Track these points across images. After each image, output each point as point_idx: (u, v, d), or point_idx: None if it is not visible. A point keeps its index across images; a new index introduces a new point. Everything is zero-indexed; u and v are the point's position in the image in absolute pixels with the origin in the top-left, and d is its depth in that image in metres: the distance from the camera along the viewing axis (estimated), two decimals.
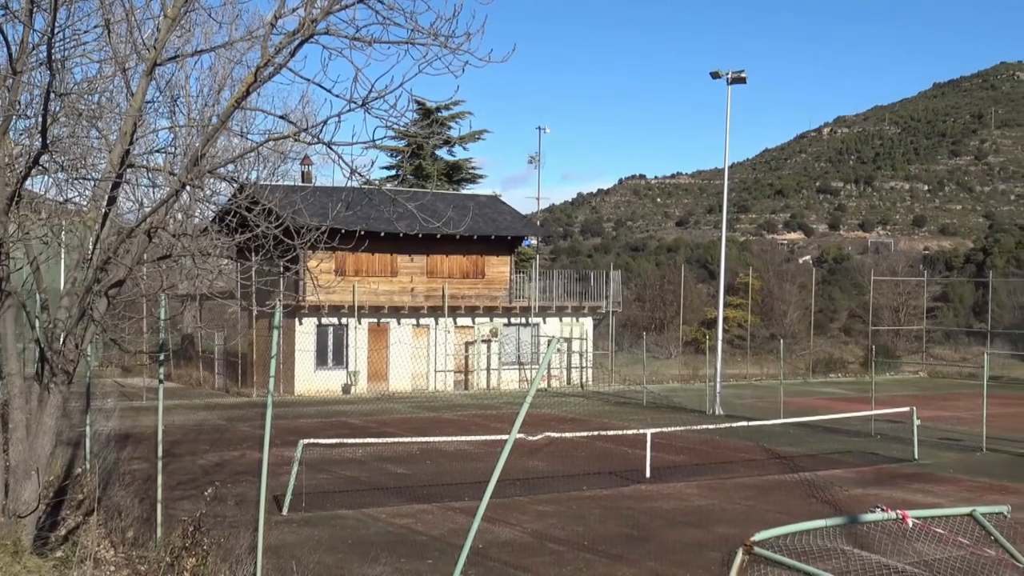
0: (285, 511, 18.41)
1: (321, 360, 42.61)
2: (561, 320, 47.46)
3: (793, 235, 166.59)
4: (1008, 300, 67.74)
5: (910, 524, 10.06)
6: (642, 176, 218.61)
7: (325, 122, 10.10)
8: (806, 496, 21.09)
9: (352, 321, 42.70)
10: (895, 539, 15.41)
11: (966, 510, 10.61)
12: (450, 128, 61.03)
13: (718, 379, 37.51)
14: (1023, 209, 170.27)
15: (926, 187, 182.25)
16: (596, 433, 26.55)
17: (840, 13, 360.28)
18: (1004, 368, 50.07)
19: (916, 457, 26.08)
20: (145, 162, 12.10)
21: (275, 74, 10.14)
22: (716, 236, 73.56)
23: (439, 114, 57.70)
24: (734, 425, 27.87)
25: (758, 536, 9.37)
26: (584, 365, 48.16)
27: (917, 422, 26.71)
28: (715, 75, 37.80)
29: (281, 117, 10.86)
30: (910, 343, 62.56)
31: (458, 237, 43.38)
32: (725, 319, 44.00)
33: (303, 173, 40.61)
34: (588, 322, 48.49)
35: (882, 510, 10.10)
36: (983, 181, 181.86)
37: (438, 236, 41.83)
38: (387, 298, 43.90)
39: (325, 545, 16.07)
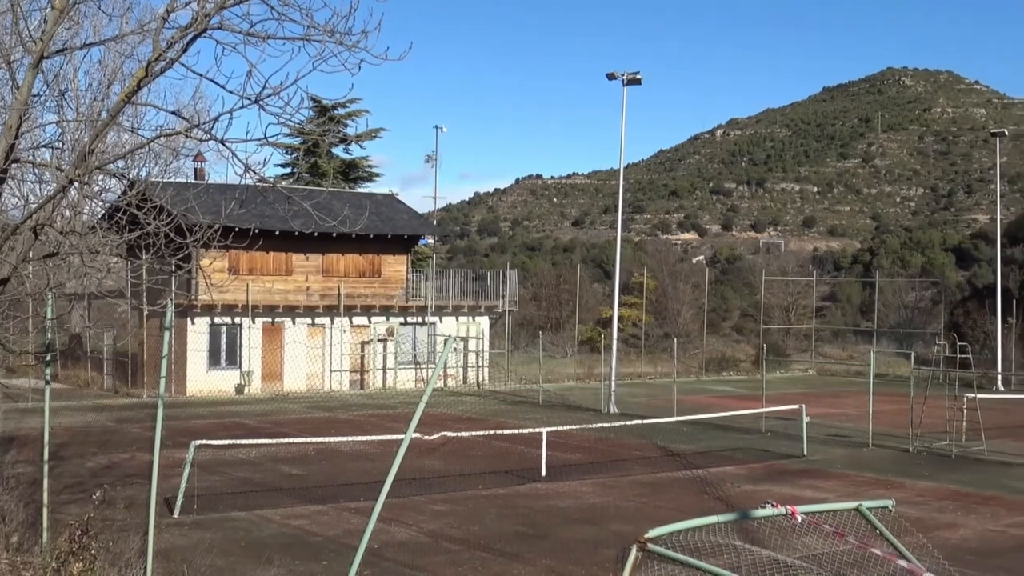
0: (176, 514, 18.11)
1: (214, 360, 41.99)
2: (458, 319, 47.44)
3: (687, 235, 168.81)
4: (893, 300, 69.49)
5: (799, 519, 10.25)
6: (539, 176, 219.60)
7: (217, 118, 9.95)
8: (699, 493, 21.39)
9: (246, 320, 42.16)
10: (785, 534, 15.71)
11: (853, 505, 10.86)
12: (346, 126, 60.60)
13: (613, 378, 37.84)
14: (908, 211, 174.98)
15: (815, 189, 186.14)
16: (492, 432, 26.60)
17: (732, 17, 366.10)
18: (889, 366, 51.36)
19: (805, 453, 26.61)
20: (31, 157, 11.78)
21: (167, 69, 9.96)
22: (611, 236, 74.19)
23: (335, 112, 57.24)
24: (628, 423, 28.16)
25: (652, 533, 9.47)
26: (480, 364, 48.21)
27: (806, 419, 27.26)
28: (611, 76, 38.13)
29: (173, 113, 10.66)
30: (800, 342, 63.81)
31: (354, 236, 43.05)
32: (620, 318, 44.41)
33: (196, 170, 39.98)
34: (484, 321, 48.54)
35: (772, 506, 10.28)
36: (870, 183, 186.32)
37: (334, 235, 41.48)
38: (282, 297, 43.44)
39: (217, 548, 15.84)
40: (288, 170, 61.01)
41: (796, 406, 28.04)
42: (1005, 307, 50.85)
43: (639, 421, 28.37)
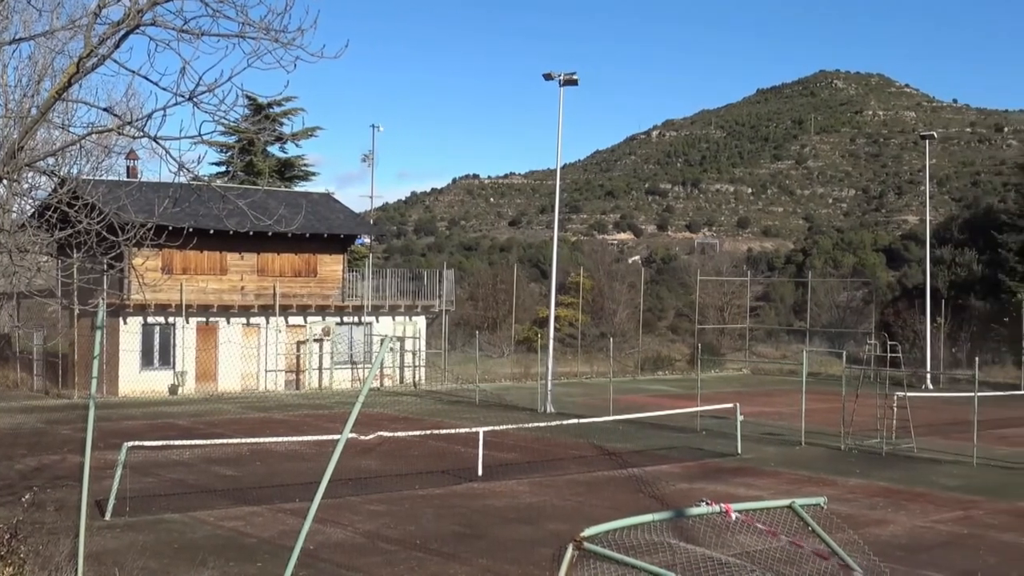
0: (108, 516, 17.87)
1: (147, 360, 41.49)
2: (394, 319, 47.30)
3: (623, 235, 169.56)
4: (825, 299, 70.35)
5: (733, 517, 10.35)
6: (476, 176, 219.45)
7: (151, 115, 9.84)
8: (634, 491, 21.51)
9: (180, 320, 41.70)
10: (719, 532, 15.85)
11: (786, 502, 10.99)
12: (282, 124, 60.14)
13: (549, 377, 37.92)
14: (840, 212, 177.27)
15: (750, 190, 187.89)
16: (429, 432, 26.57)
17: (668, 18, 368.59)
18: (822, 365, 51.99)
19: (740, 452, 26.87)
20: None
21: (99, 65, 9.83)
22: (548, 236, 74.43)
23: (271, 110, 56.82)
24: (565, 423, 28.25)
25: (587, 532, 9.52)
26: (417, 364, 48.09)
27: (740, 418, 27.53)
28: (548, 76, 38.20)
29: (105, 110, 10.53)
30: (734, 341, 64.39)
31: (290, 235, 42.78)
32: (557, 318, 44.53)
33: (128, 168, 39.47)
34: (421, 321, 48.44)
35: (707, 504, 10.37)
36: (803, 185, 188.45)
37: (269, 234, 41.12)
38: (216, 297, 43.02)
39: (150, 550, 15.65)
40: (223, 168, 60.44)
41: (730, 405, 28.29)
42: (934, 307, 51.69)
43: (575, 420, 28.47)
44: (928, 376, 49.03)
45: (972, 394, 27.69)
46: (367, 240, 58.41)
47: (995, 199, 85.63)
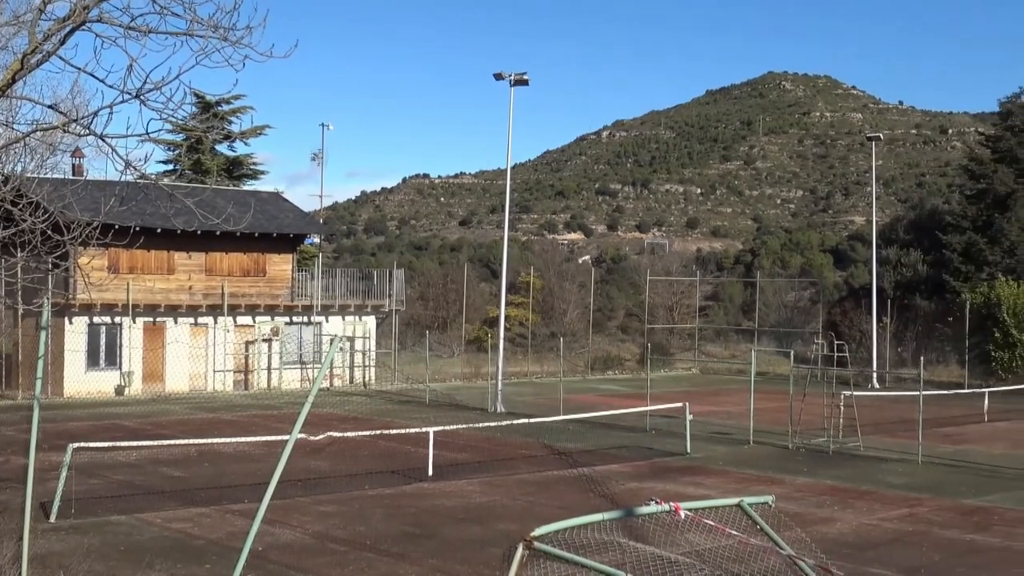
0: (53, 518, 17.66)
1: (93, 361, 41.04)
2: (344, 319, 47.12)
3: (573, 235, 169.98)
4: (774, 299, 70.91)
5: (682, 516, 10.40)
6: (426, 175, 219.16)
7: (97, 113, 9.72)
8: (584, 491, 21.57)
9: (126, 320, 41.28)
10: (668, 530, 15.93)
11: (734, 501, 11.07)
12: (230, 123, 59.72)
13: (500, 377, 37.94)
14: (788, 213, 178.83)
15: (699, 190, 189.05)
16: (379, 432, 26.49)
17: (618, 19, 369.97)
18: (770, 364, 52.41)
19: (689, 451, 27.03)
20: None
21: (44, 62, 9.70)
22: (498, 236, 74.44)
23: (219, 108, 56.41)
24: (515, 422, 28.29)
25: (537, 531, 9.53)
26: (367, 364, 47.93)
27: (690, 417, 27.68)
28: (498, 76, 38.21)
29: (50, 107, 10.40)
30: (683, 340, 64.73)
31: (239, 234, 42.50)
32: (507, 317, 44.56)
33: (74, 166, 39.00)
34: (371, 321, 48.29)
35: (656, 503, 10.43)
36: (751, 185, 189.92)
37: (218, 233, 40.80)
38: (164, 296, 42.64)
39: (96, 552, 15.48)
40: (171, 167, 59.97)
41: (680, 404, 28.44)
42: (880, 307, 52.28)
43: (526, 420, 28.50)
44: (874, 375, 49.60)
45: (917, 393, 28.03)
46: (316, 239, 58.13)
47: (940, 200, 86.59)
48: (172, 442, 25.33)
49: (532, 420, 28.53)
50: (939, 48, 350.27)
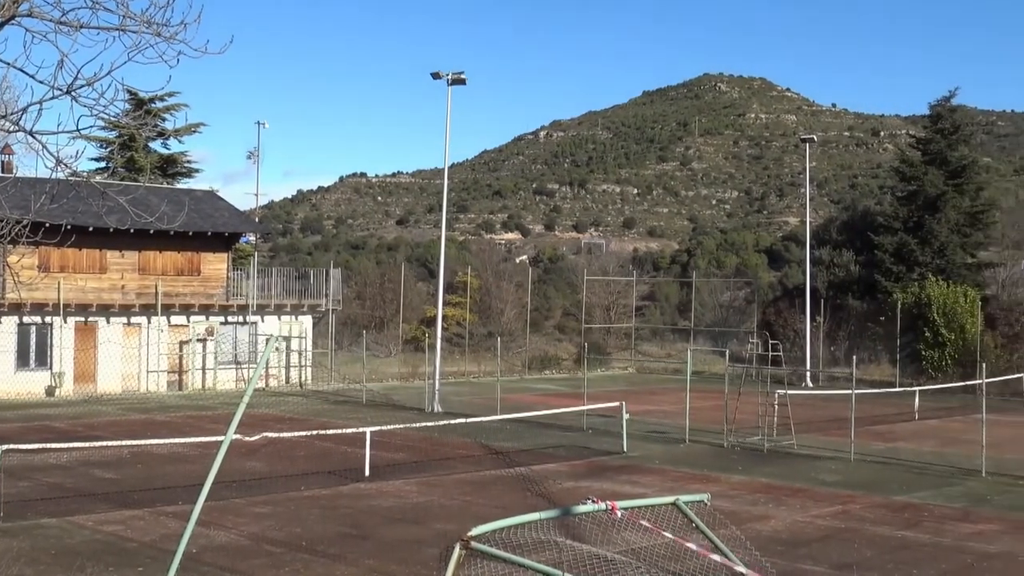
0: None
1: (22, 361, 40.36)
2: (280, 318, 46.78)
3: (510, 235, 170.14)
4: (709, 299, 71.48)
5: (619, 514, 10.46)
6: (363, 174, 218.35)
7: (26, 109, 9.55)
8: (522, 490, 21.59)
9: (57, 320, 40.65)
10: (605, 529, 16.01)
11: (670, 499, 11.15)
12: (164, 120, 59.07)
13: (437, 377, 37.87)
14: (723, 213, 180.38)
15: (636, 191, 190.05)
16: (315, 432, 26.32)
17: (555, 20, 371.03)
18: (705, 363, 52.81)
19: (625, 450, 27.15)
20: None
21: None
22: (436, 235, 74.21)
23: (152, 105, 55.71)
24: (452, 422, 28.26)
25: (475, 531, 9.53)
26: (303, 364, 47.62)
27: (626, 416, 27.81)
28: (436, 76, 38.15)
29: None
30: (620, 340, 65.04)
31: (172, 233, 42.03)
32: (444, 317, 44.52)
33: (3, 163, 38.39)
34: (307, 320, 47.99)
35: (593, 502, 10.47)
36: (687, 186, 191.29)
37: (151, 232, 40.31)
38: (96, 296, 42.04)
39: (26, 556, 15.22)
40: (103, 164, 59.15)
41: (616, 403, 28.57)
42: (813, 306, 52.90)
43: (463, 420, 28.48)
44: (808, 374, 50.18)
45: (850, 392, 28.39)
46: (252, 238, 57.69)
47: (872, 201, 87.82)
48: (104, 444, 24.94)
49: (469, 420, 28.52)
50: (871, 52, 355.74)
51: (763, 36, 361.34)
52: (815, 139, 59.66)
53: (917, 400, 37.15)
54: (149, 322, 43.00)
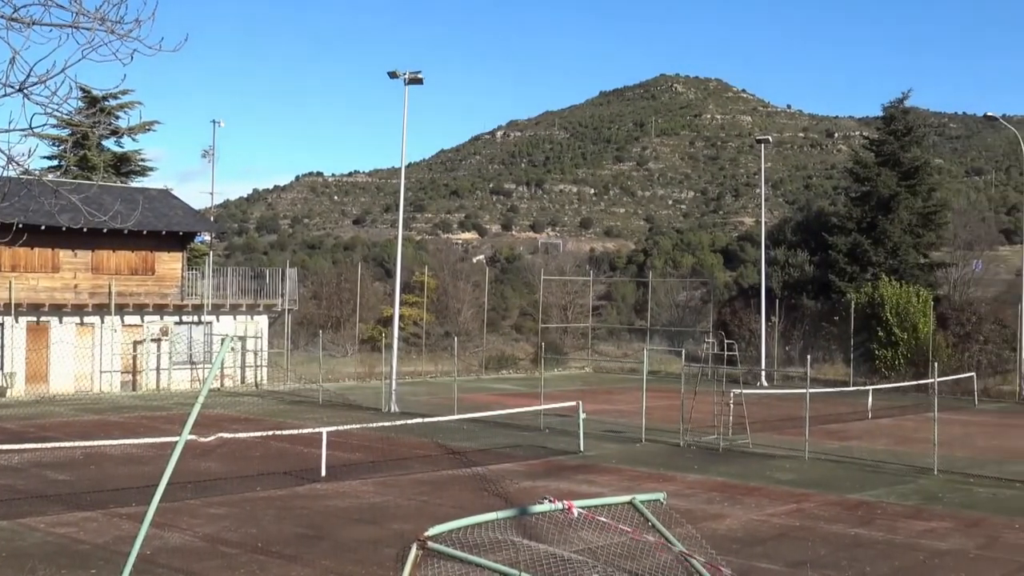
0: None
1: None
2: (235, 318, 46.49)
3: (468, 235, 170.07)
4: (666, 299, 71.76)
5: (575, 514, 10.48)
6: (319, 173, 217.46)
7: None
8: (479, 490, 21.59)
9: (8, 319, 40.17)
10: (562, 528, 16.03)
11: (627, 498, 11.19)
12: (118, 118, 58.46)
13: (394, 376, 37.79)
14: (679, 213, 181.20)
15: (592, 191, 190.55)
16: (271, 433, 26.17)
17: (511, 20, 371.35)
18: (662, 363, 53.01)
19: (582, 449, 27.21)
20: None
21: None
22: (393, 235, 74.11)
23: (106, 103, 55.14)
24: (409, 422, 28.20)
25: (432, 531, 9.52)
26: (259, 364, 47.37)
27: (583, 416, 27.85)
28: (392, 75, 38.03)
29: None
30: (577, 340, 65.18)
31: (126, 232, 41.65)
32: (401, 317, 44.42)
33: None
34: (263, 320, 47.73)
35: (550, 501, 10.49)
36: (644, 186, 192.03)
37: (105, 231, 39.94)
38: (48, 295, 41.59)
39: None
40: (56, 163, 58.51)
41: (573, 403, 28.61)
42: (769, 306, 53.29)
43: (420, 420, 28.44)
44: (763, 373, 50.53)
45: (804, 391, 28.65)
46: (207, 237, 57.26)
47: (826, 202, 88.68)
48: (57, 445, 24.69)
49: (426, 420, 28.49)
50: (826, 54, 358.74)
51: (719, 37, 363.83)
52: (770, 140, 60.14)
53: (870, 399, 37.51)
54: (102, 322, 42.60)
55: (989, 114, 57.30)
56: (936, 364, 30.06)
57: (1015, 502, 21.39)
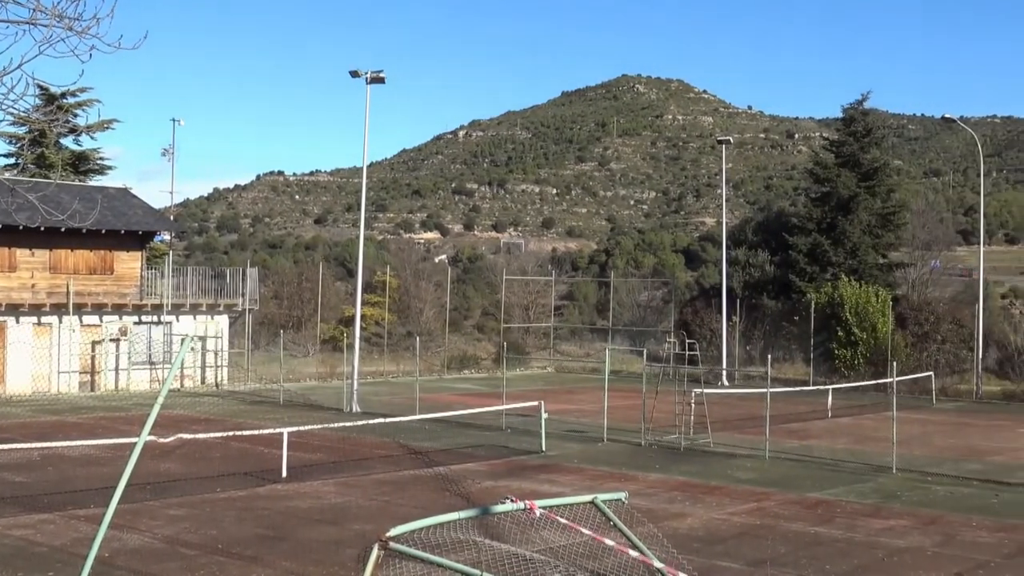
0: None
1: None
2: (195, 318, 46.18)
3: (429, 234, 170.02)
4: (627, 299, 71.95)
5: (537, 513, 10.48)
6: (280, 172, 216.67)
7: None
8: (440, 490, 21.56)
9: None
10: (524, 528, 16.04)
11: (588, 498, 11.20)
12: (76, 116, 57.95)
13: (355, 376, 37.66)
14: (641, 213, 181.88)
15: (555, 191, 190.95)
16: (231, 433, 26.02)
17: (474, 20, 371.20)
18: (623, 363, 53.16)
19: (544, 449, 27.23)
20: None
21: None
22: (354, 234, 73.85)
23: (64, 100, 54.65)
24: (371, 422, 28.12)
25: (393, 531, 9.49)
26: (219, 364, 47.07)
27: (545, 415, 27.87)
28: (354, 74, 37.91)
29: None
30: (539, 340, 65.25)
31: (85, 231, 41.27)
32: (363, 317, 44.28)
33: None
34: (224, 320, 47.44)
35: (511, 501, 10.49)
36: (606, 186, 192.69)
37: (63, 230, 39.54)
38: (5, 295, 41.14)
39: None
40: (12, 161, 57.92)
41: (535, 403, 28.64)
42: (730, 306, 53.54)
43: (381, 420, 28.37)
44: (724, 373, 50.77)
45: (765, 390, 28.81)
46: (167, 237, 56.84)
47: (786, 203, 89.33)
48: (14, 446, 24.40)
49: (388, 420, 28.42)
50: (787, 55, 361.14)
51: (681, 39, 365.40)
52: (731, 141, 60.41)
53: (830, 398, 37.78)
54: (60, 322, 42.20)
55: (947, 116, 57.71)
56: (895, 363, 30.33)
57: (972, 500, 21.61)
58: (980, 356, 47.13)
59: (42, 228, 37.82)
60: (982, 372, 46.92)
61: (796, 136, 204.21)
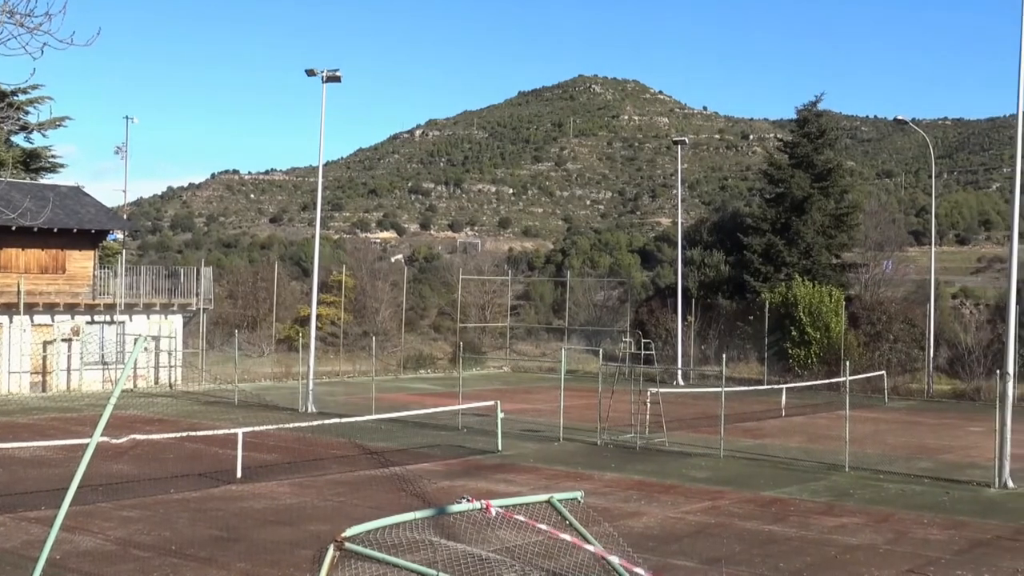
0: None
1: None
2: (149, 318, 45.79)
3: (386, 234, 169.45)
4: (584, 299, 72.09)
5: (493, 513, 10.49)
6: (235, 171, 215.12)
7: None
8: (396, 490, 21.52)
9: None
10: (480, 528, 16.04)
11: (544, 497, 11.22)
12: (27, 113, 57.26)
13: (311, 376, 37.51)
14: (597, 213, 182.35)
15: (511, 191, 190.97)
16: (185, 434, 25.84)
17: (430, 19, 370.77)
18: (580, 362, 53.30)
19: (500, 449, 27.25)
20: None
21: None
22: (310, 234, 73.54)
23: (15, 97, 54.01)
24: (326, 422, 28.02)
25: (349, 532, 9.47)
26: (173, 364, 46.70)
27: (501, 415, 27.90)
28: (310, 72, 37.77)
29: None
30: (495, 339, 65.26)
31: (36, 229, 40.77)
32: (318, 316, 44.13)
33: None
34: (177, 320, 47.08)
35: (467, 501, 10.49)
36: (562, 186, 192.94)
37: (13, 228, 39.07)
38: None
39: None
40: None
41: (491, 402, 28.65)
42: (685, 306, 53.80)
43: (337, 420, 28.28)
44: (679, 372, 51.02)
45: (720, 389, 28.98)
46: (120, 236, 56.35)
47: (741, 203, 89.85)
48: None
49: (344, 420, 28.33)
50: (741, 57, 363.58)
51: (637, 39, 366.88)
52: (687, 141, 60.72)
53: (784, 397, 38.08)
54: (11, 321, 41.71)
55: (899, 117, 58.32)
56: (848, 363, 30.63)
57: (923, 498, 21.86)
58: (931, 355, 47.65)
59: None
60: (933, 371, 47.44)
61: (751, 137, 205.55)
